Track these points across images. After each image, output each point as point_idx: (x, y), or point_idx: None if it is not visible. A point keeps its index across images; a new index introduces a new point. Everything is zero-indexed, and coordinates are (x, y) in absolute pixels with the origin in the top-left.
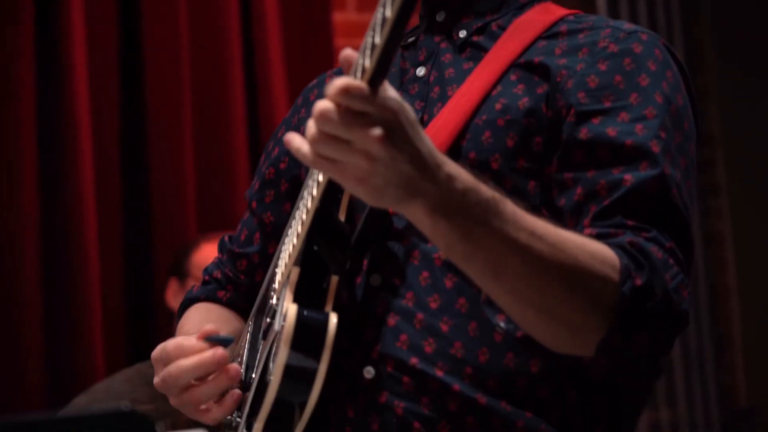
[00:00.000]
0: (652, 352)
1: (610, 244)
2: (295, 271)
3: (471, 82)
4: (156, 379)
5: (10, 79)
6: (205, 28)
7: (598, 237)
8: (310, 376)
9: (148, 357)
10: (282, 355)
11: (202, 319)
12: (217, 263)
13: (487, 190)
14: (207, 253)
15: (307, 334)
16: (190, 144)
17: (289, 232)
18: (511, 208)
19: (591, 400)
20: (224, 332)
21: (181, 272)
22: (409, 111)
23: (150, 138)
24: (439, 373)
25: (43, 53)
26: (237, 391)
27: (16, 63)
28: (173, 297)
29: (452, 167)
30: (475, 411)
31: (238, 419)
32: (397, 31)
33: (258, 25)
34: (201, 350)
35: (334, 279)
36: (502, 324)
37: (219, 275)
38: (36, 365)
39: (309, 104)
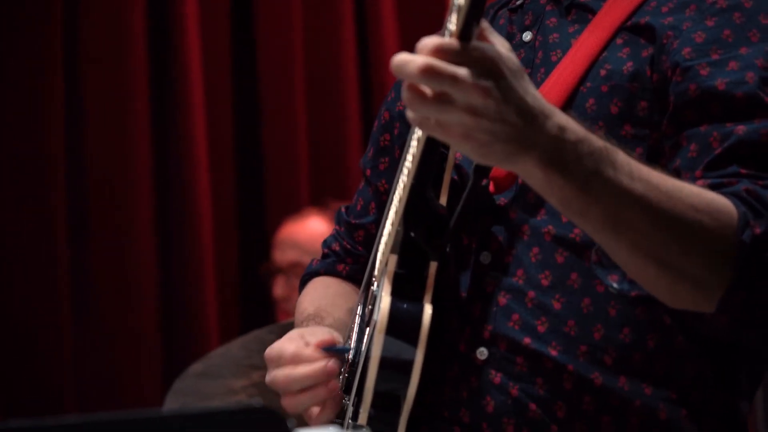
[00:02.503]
0: None
1: (725, 194)
2: (393, 259)
3: (576, 49)
4: (267, 377)
5: (126, 83)
6: None
7: (712, 187)
8: (407, 368)
9: (261, 325)
10: (377, 348)
11: (320, 296)
12: (335, 235)
13: (598, 140)
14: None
15: (401, 328)
16: (303, 111)
17: (390, 210)
18: (624, 158)
19: (709, 373)
20: (342, 309)
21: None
22: (513, 60)
23: (262, 106)
24: (553, 353)
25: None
26: (337, 397)
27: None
28: (279, 290)
29: (562, 117)
30: (591, 390)
31: (349, 403)
32: None
33: None
34: (315, 361)
35: (433, 266)
36: (615, 284)
37: (337, 248)
38: (152, 335)
39: None
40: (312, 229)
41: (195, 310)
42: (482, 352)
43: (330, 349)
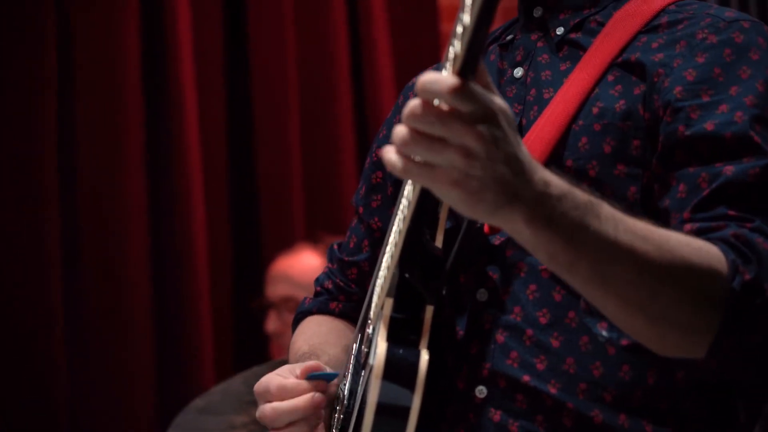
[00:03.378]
0: (765, 347)
1: (713, 239)
2: (389, 303)
3: (568, 86)
4: (257, 413)
5: (120, 90)
6: (310, 21)
7: (700, 231)
8: (404, 414)
9: (257, 359)
10: (373, 394)
11: (314, 334)
12: (328, 273)
13: (582, 194)
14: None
15: (398, 374)
16: (297, 144)
17: (386, 251)
18: (609, 210)
19: (709, 407)
20: (337, 347)
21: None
22: (508, 111)
23: (256, 140)
24: (553, 391)
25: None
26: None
27: (123, 73)
28: (272, 324)
29: (546, 173)
30: (591, 427)
31: None
32: (486, 10)
33: (364, 15)
34: (302, 392)
35: (429, 309)
36: (604, 333)
37: (330, 285)
38: (146, 369)
39: None
40: (304, 263)
41: (189, 345)
42: (481, 390)
43: (315, 376)
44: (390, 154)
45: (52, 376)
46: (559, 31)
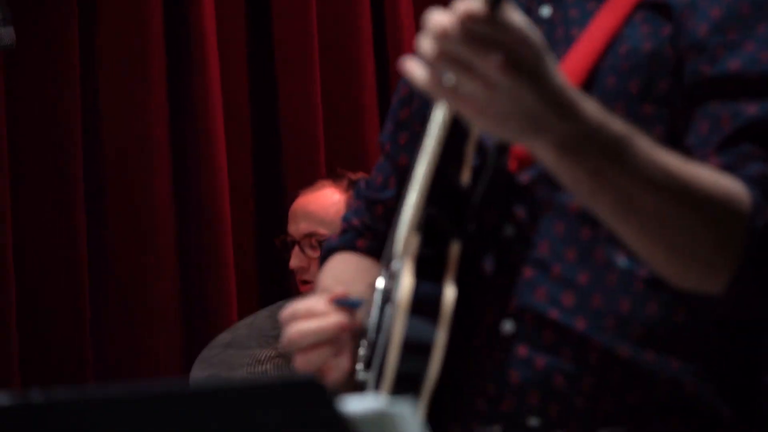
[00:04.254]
0: None
1: (738, 177)
2: (414, 238)
3: (596, 26)
4: (282, 338)
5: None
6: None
7: (725, 168)
8: (429, 349)
9: (280, 297)
10: (398, 330)
11: (340, 271)
12: (355, 210)
13: (620, 126)
14: None
15: (423, 309)
16: (318, 85)
17: (411, 187)
18: (644, 144)
19: (734, 346)
20: (363, 284)
21: None
22: (538, 41)
23: (279, 79)
24: (580, 327)
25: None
26: (350, 356)
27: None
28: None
29: (582, 102)
30: (617, 363)
31: (369, 379)
32: None
33: None
34: (328, 314)
35: (456, 245)
36: (622, 262)
37: (357, 223)
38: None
39: None
40: (325, 199)
41: (214, 282)
42: (508, 325)
43: (342, 302)
44: (416, 68)
45: (77, 315)
46: None
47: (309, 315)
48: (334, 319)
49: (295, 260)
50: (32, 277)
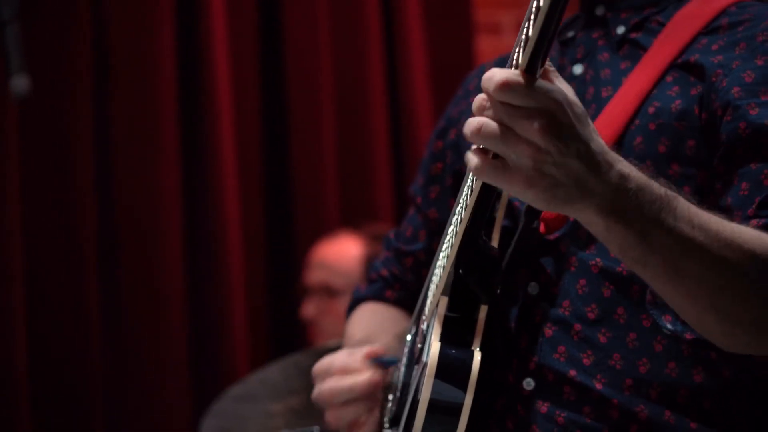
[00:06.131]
0: None
1: None
2: (444, 301)
3: (628, 86)
4: (314, 392)
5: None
6: (344, 19)
7: (766, 227)
8: (455, 412)
9: (291, 350)
10: (426, 392)
11: (370, 322)
12: (384, 261)
13: (659, 188)
14: None
15: (451, 374)
16: (331, 132)
17: (443, 249)
18: (684, 205)
19: (755, 407)
20: (390, 335)
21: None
22: (578, 104)
23: (291, 128)
24: (599, 386)
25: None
26: (378, 415)
27: (159, 75)
28: (308, 311)
29: (624, 165)
30: (637, 422)
31: None
32: (549, 21)
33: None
34: (362, 371)
35: (484, 309)
36: (669, 325)
37: (386, 273)
38: (181, 358)
39: (470, 94)
40: (342, 250)
41: (224, 334)
42: (529, 383)
43: (378, 360)
44: (470, 154)
45: (87, 366)
46: (620, 30)
47: (343, 371)
48: (368, 376)
49: (308, 310)
50: (44, 330)
